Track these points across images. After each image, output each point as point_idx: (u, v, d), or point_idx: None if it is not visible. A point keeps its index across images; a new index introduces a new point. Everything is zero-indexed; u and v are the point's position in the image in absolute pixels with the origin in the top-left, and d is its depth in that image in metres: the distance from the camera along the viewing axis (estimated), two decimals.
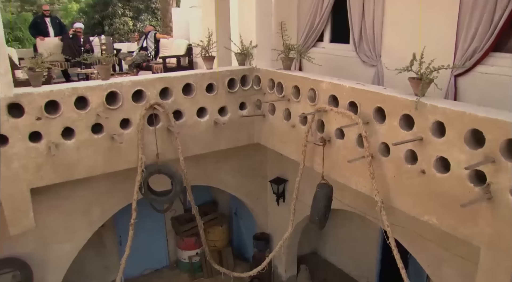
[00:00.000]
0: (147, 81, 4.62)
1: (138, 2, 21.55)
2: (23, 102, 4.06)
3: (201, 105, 5.02)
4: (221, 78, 5.07)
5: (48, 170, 4.33)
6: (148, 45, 9.58)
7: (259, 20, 5.22)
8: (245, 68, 5.28)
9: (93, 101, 4.36)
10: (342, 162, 4.12)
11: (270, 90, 5.10)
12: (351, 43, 5.61)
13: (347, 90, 3.97)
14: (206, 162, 5.87)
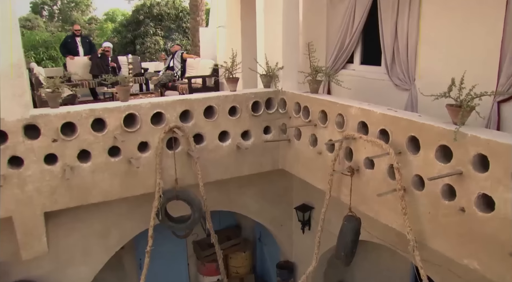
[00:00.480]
0: (167, 103, 4.47)
1: (170, 22, 21.96)
2: (40, 124, 3.97)
3: (223, 128, 4.84)
4: (245, 100, 4.88)
5: (62, 193, 4.21)
6: (175, 64, 9.54)
7: (286, 40, 5.03)
8: (270, 90, 5.07)
9: (111, 123, 4.23)
10: (372, 194, 3.82)
11: (296, 114, 4.86)
12: (383, 65, 5.34)
13: (377, 116, 3.69)
14: (228, 186, 5.66)
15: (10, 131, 3.87)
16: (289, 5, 4.93)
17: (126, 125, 4.30)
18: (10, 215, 4.07)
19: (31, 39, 16.62)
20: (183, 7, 21.72)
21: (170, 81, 9.16)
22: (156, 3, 21.63)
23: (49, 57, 16.44)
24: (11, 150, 3.91)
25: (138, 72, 10.61)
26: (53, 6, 29.24)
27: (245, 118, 4.93)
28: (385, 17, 5.06)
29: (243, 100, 4.88)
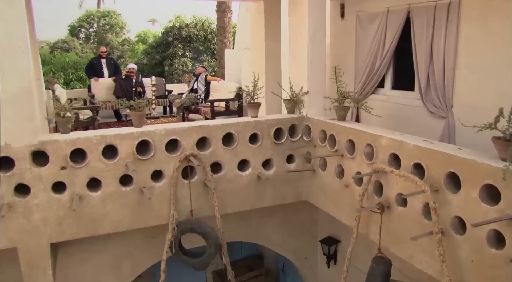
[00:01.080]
0: (182, 130, 4.24)
1: (198, 43, 22.04)
2: (48, 150, 3.80)
3: (243, 157, 4.56)
4: (267, 127, 4.61)
5: (70, 224, 4.01)
6: (198, 87, 9.40)
7: (311, 64, 4.76)
8: (294, 117, 4.79)
9: (123, 150, 4.03)
10: (404, 234, 3.45)
11: (321, 143, 4.55)
12: (416, 91, 5.00)
13: (411, 148, 3.34)
14: (249, 216, 5.36)
15: (17, 157, 3.71)
16: (316, 26, 4.68)
17: (139, 152, 4.09)
18: (14, 245, 3.88)
19: (61, 61, 16.94)
20: (212, 29, 21.79)
21: (193, 104, 9.00)
22: (185, 24, 21.78)
23: (77, 78, 16.69)
24: (18, 178, 3.74)
25: (162, 94, 10.53)
26: (90, 28, 29.95)
27: (267, 146, 4.65)
28: (419, 39, 4.74)
29: (264, 127, 4.61)
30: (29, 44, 3.74)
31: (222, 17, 15.08)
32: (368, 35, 5.48)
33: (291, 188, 4.91)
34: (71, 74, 15.71)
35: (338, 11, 6.04)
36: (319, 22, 4.70)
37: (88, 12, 30.25)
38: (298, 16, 4.79)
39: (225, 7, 14.89)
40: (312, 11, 4.63)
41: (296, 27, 4.86)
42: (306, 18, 4.62)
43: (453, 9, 4.35)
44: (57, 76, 16.10)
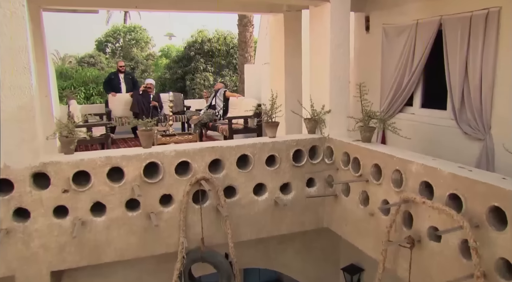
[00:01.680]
0: (194, 152, 3.97)
1: (220, 58, 21.97)
2: (49, 172, 3.59)
3: (259, 180, 4.27)
4: (286, 149, 4.31)
5: (72, 251, 3.76)
6: (217, 103, 9.16)
7: (334, 80, 4.46)
8: (315, 137, 4.48)
9: (129, 173, 3.79)
10: (438, 273, 3.08)
11: (344, 166, 4.22)
12: (449, 110, 4.63)
13: (446, 176, 2.99)
14: (267, 242, 5.05)
15: (17, 180, 3.51)
16: (339, 40, 4.40)
17: (147, 175, 3.84)
18: (12, 273, 3.66)
19: (82, 75, 17.05)
20: (234, 44, 21.74)
21: (211, 121, 8.77)
22: (207, 39, 21.79)
23: (98, 92, 16.75)
24: (17, 201, 3.54)
25: (180, 110, 10.35)
26: (116, 43, 30.84)
27: (285, 169, 4.35)
28: (453, 53, 4.39)
29: (283, 148, 4.31)
30: (32, 59, 3.56)
31: (243, 32, 14.95)
32: (396, 50, 5.15)
33: (311, 214, 4.58)
34: (91, 89, 15.75)
35: (362, 24, 5.74)
36: (342, 36, 4.41)
37: (114, 27, 31.30)
38: (320, 30, 4.52)
39: (247, 21, 14.76)
40: (335, 24, 4.35)
41: (318, 41, 4.59)
42: (328, 31, 4.34)
43: (492, 20, 3.99)
44: (78, 90, 16.18)
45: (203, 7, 5.26)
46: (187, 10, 5.39)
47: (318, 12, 4.50)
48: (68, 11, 8.65)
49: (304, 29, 5.46)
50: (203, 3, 5.22)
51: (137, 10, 5.16)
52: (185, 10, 5.34)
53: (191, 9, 5.27)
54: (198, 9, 5.32)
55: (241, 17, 14.77)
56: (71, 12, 8.66)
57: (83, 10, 8.54)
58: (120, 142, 9.94)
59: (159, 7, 4.98)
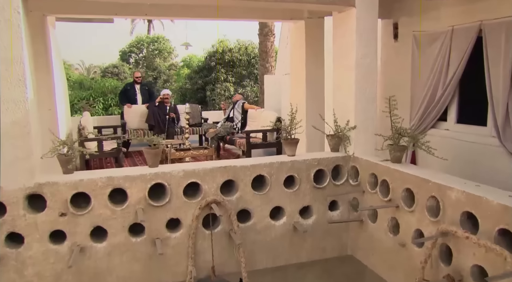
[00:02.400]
0: (204, 172, 3.64)
1: (241, 68, 21.82)
2: (46, 194, 3.30)
3: (277, 203, 3.91)
4: (306, 168, 3.95)
5: (69, 280, 3.47)
6: (235, 115, 8.83)
7: (360, 93, 4.09)
8: (339, 156, 4.10)
9: (133, 194, 3.48)
10: None
11: (371, 189, 3.82)
12: (489, 126, 4.20)
13: (494, 208, 2.57)
14: (285, 268, 4.63)
15: (10, 202, 3.23)
16: (366, 49, 4.03)
17: (152, 197, 3.53)
18: None
19: (101, 86, 17.01)
20: (255, 54, 21.54)
21: (228, 134, 8.44)
22: (228, 49, 21.64)
23: (116, 103, 16.67)
24: (10, 225, 3.25)
25: (197, 122, 10.07)
26: (139, 53, 31.33)
27: (306, 191, 3.98)
28: (495, 62, 3.98)
29: (303, 167, 3.95)
30: (30, 70, 3.30)
31: (264, 41, 14.69)
32: (428, 59, 4.75)
33: (334, 240, 4.19)
34: (110, 99, 15.66)
35: (390, 32, 5.36)
36: (369, 44, 4.04)
37: (138, 38, 31.99)
38: (345, 38, 4.16)
39: (268, 30, 14.50)
40: (361, 32, 3.99)
41: (342, 50, 4.23)
42: (353, 39, 3.98)
43: None
44: (97, 101, 16.12)
45: (220, 14, 4.97)
46: (202, 18, 5.11)
47: (342, 18, 4.15)
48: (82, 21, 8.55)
49: (327, 37, 5.10)
50: (221, 11, 4.94)
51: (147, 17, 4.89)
52: (200, 17, 5.06)
53: (207, 16, 4.98)
54: (215, 17, 5.02)
55: (262, 26, 14.53)
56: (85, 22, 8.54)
57: (97, 20, 8.42)
58: (136, 155, 9.72)
59: (170, 15, 4.71)
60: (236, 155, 8.94)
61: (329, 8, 4.09)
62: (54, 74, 4.72)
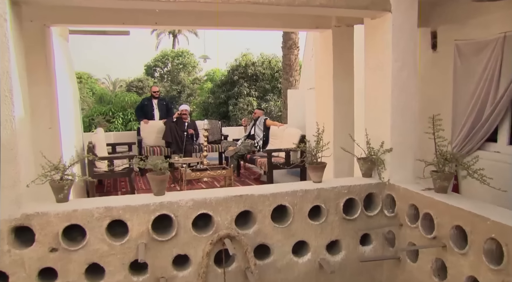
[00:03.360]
0: (217, 201, 3.20)
1: (265, 82, 21.58)
2: (34, 226, 2.91)
3: (300, 238, 3.45)
4: (334, 197, 3.47)
5: None
6: (256, 133, 8.38)
7: (397, 110, 3.61)
8: (372, 182, 3.61)
9: (134, 227, 3.06)
10: None
11: (411, 223, 3.31)
12: None
13: None
14: None
15: None
16: (403, 61, 3.56)
17: (156, 230, 3.10)
18: None
19: (120, 100, 16.86)
20: (279, 67, 21.27)
21: (249, 153, 7.99)
22: (252, 63, 21.40)
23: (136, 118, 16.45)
24: None
25: (217, 139, 9.67)
26: (164, 68, 32.25)
27: (334, 223, 3.50)
28: None
29: (331, 196, 3.47)
30: (19, 85, 2.93)
31: (288, 54, 14.33)
32: (474, 71, 4.23)
33: (366, 280, 3.67)
34: (129, 114, 15.45)
35: (427, 41, 4.86)
36: (407, 55, 3.57)
37: (163, 52, 32.89)
38: (379, 48, 3.70)
39: (292, 43, 14.14)
40: (398, 41, 3.52)
41: (376, 61, 3.76)
42: (389, 49, 3.52)
43: None
44: (116, 116, 15.94)
45: (240, 23, 4.57)
46: (217, 27, 4.72)
47: (375, 25, 3.69)
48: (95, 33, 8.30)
49: (357, 48, 4.65)
50: (241, 19, 4.54)
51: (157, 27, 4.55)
52: (214, 27, 4.67)
53: (224, 25, 4.58)
54: (235, 26, 4.63)
55: (286, 38, 14.18)
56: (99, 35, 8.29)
57: (111, 32, 8.16)
58: None
59: (182, 23, 4.33)
60: (258, 174, 8.48)
61: (360, 14, 3.64)
62: (57, 89, 4.38)
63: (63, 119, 5.21)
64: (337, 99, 4.78)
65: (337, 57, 4.75)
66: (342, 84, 4.79)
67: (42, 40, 3.89)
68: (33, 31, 3.84)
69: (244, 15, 4.53)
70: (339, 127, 4.59)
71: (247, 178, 8.47)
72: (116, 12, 4.12)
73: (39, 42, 3.87)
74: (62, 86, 5.35)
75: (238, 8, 3.30)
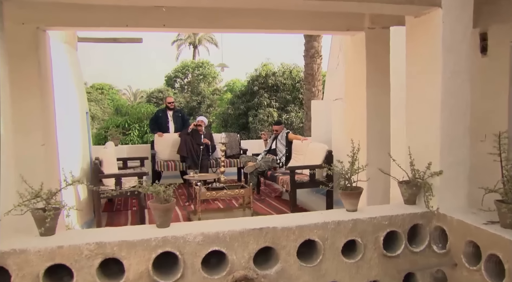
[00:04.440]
0: (232, 236, 2.69)
1: (286, 93, 21.14)
2: (10, 266, 2.45)
3: (332, 278, 2.91)
4: (373, 230, 2.94)
5: None
6: (278, 148, 7.82)
7: (448, 124, 3.05)
8: (417, 212, 3.06)
9: (131, 267, 2.57)
10: None
11: (469, 263, 2.73)
12: None
13: None
14: None
15: None
16: (457, 65, 3.02)
17: (158, 269, 2.61)
18: None
19: (137, 111, 16.54)
20: (300, 77, 20.80)
21: (270, 169, 7.44)
22: (272, 73, 20.97)
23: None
24: None
25: (235, 153, 9.16)
26: (184, 78, 32.69)
27: (372, 261, 2.96)
28: None
29: (369, 229, 2.93)
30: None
31: (310, 63, 13.86)
32: None
33: None
34: (145, 126, 15.09)
35: (476, 44, 4.28)
36: (461, 58, 3.02)
37: (183, 63, 33.44)
38: (424, 50, 3.16)
39: (314, 52, 13.66)
40: (449, 41, 2.99)
41: (420, 68, 3.22)
42: (439, 51, 2.97)
43: None
44: (132, 127, 15.61)
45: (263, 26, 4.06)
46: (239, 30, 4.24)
47: (420, 24, 3.16)
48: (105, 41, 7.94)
49: (394, 52, 4.10)
50: (263, 21, 4.04)
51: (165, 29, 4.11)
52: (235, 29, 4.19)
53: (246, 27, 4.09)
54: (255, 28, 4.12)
55: (308, 47, 13.71)
56: (110, 42, 7.93)
57: (123, 40, 7.79)
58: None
59: (194, 25, 3.85)
60: (279, 192, 7.92)
61: (403, 10, 3.10)
62: (56, 101, 3.94)
63: (63, 134, 4.78)
64: (371, 111, 4.21)
65: (371, 64, 4.19)
66: (377, 94, 4.21)
67: (35, 45, 3.45)
68: (24, 35, 3.42)
69: (266, 15, 4.03)
70: (373, 143, 4.02)
71: (267, 196, 7.93)
72: (119, 13, 3.67)
73: (32, 47, 3.44)
74: (62, 98, 4.93)
75: (260, 3, 2.80)
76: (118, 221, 6.03)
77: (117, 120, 16.93)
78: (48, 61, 3.80)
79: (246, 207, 6.49)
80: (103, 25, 3.66)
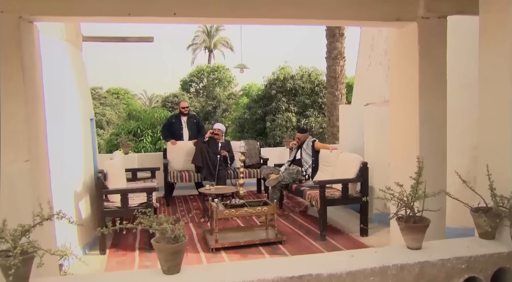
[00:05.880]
0: None
1: (304, 97, 20.58)
2: None
3: None
4: (446, 276, 2.25)
5: None
6: (303, 158, 7.11)
7: None
8: (503, 251, 2.37)
9: None
10: None
11: None
12: None
13: None
14: None
15: None
16: None
17: None
18: None
19: (150, 117, 15.98)
20: (319, 81, 20.16)
21: (294, 182, 6.76)
22: (290, 76, 20.38)
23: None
24: None
25: (255, 162, 8.50)
26: (200, 83, 32.71)
27: None
28: None
29: (440, 274, 2.29)
30: None
31: (333, 65, 13.25)
32: None
33: None
34: (158, 132, 14.50)
35: None
36: None
37: (198, 67, 33.56)
38: (504, 44, 2.47)
39: (337, 53, 13.05)
40: None
41: (498, 66, 2.53)
42: None
43: None
44: (145, 134, 15.04)
45: (295, 15, 3.40)
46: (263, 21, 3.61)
47: (499, 11, 2.48)
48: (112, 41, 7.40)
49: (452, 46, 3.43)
50: (294, 10, 3.38)
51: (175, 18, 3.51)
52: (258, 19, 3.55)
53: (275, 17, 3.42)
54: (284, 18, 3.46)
55: (331, 48, 13.13)
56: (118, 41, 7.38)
57: (133, 39, 7.23)
58: (179, 200, 8.30)
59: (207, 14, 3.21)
60: (304, 207, 7.23)
61: None
62: (46, 107, 3.34)
63: (58, 146, 4.19)
64: (425, 118, 3.48)
65: (424, 61, 3.48)
66: (433, 98, 3.49)
67: (17, 38, 2.86)
68: (3, 26, 2.82)
69: (299, 2, 3.39)
70: (428, 158, 3.33)
71: (291, 210, 7.25)
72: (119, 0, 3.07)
73: (14, 41, 2.84)
74: (58, 104, 4.34)
75: None
76: (125, 242, 5.42)
77: (129, 125, 16.41)
78: (36, 60, 3.20)
79: (269, 224, 5.84)
80: (101, 15, 3.04)
